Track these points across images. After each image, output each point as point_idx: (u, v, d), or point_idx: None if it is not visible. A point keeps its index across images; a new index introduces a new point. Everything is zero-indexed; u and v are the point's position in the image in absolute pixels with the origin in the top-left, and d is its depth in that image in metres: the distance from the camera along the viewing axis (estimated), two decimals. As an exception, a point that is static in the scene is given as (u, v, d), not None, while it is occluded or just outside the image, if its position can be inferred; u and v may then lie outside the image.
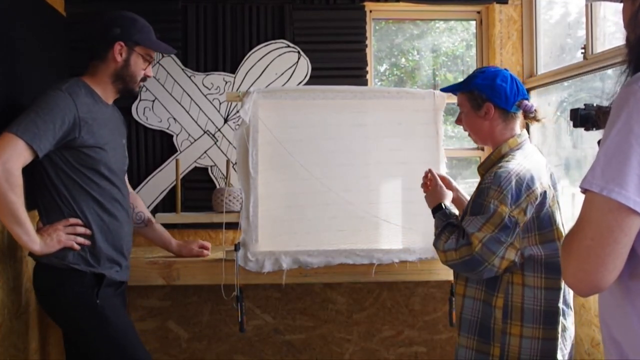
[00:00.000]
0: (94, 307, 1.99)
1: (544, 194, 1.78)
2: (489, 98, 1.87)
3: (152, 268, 2.42)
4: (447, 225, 1.86)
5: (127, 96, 2.17)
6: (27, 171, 1.88)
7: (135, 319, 2.86)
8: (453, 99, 2.51)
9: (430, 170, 2.10)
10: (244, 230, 2.37)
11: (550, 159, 2.92)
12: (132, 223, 2.23)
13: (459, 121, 2.01)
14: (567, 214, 2.74)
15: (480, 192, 1.80)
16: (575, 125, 1.57)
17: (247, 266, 2.37)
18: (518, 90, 1.88)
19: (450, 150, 2.98)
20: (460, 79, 2.08)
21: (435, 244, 1.88)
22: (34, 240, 1.87)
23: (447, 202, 2.00)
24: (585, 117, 1.53)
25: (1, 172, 1.76)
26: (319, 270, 2.42)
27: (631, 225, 0.94)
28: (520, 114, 1.91)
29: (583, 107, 1.54)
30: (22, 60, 2.19)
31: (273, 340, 3.00)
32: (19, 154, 1.81)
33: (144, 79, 2.14)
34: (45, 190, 1.99)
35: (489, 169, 1.86)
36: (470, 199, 1.88)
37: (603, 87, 2.56)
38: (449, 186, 2.14)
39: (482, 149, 3.12)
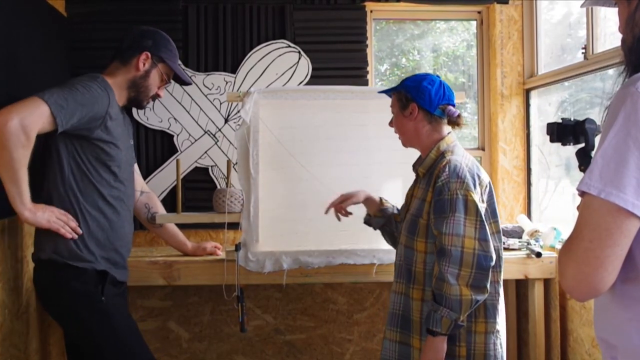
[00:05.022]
0: (99, 304, 1.99)
1: (489, 185, 1.88)
2: (413, 98, 1.93)
3: (152, 268, 2.42)
4: (434, 303, 1.76)
5: (133, 106, 2.22)
6: (40, 156, 1.89)
7: (136, 319, 2.83)
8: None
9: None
10: (245, 230, 2.38)
11: (551, 159, 2.93)
12: (132, 224, 2.23)
13: (391, 123, 2.05)
14: (567, 214, 2.75)
15: (439, 190, 1.80)
16: (552, 140, 1.55)
17: (248, 266, 2.37)
18: (444, 95, 1.93)
19: (451, 150, 2.98)
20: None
21: (448, 292, 1.72)
22: (25, 204, 1.81)
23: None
24: (562, 132, 1.51)
25: (16, 126, 1.73)
26: (319, 271, 2.42)
27: (630, 228, 0.95)
28: (445, 119, 1.95)
29: (560, 121, 1.53)
30: (23, 60, 2.19)
31: (274, 340, 3.00)
32: (39, 116, 1.78)
33: (155, 97, 2.16)
34: (53, 178, 1.98)
35: (430, 167, 1.91)
36: (429, 200, 1.85)
37: (604, 87, 2.56)
38: (350, 197, 2.21)
39: (483, 149, 3.13)
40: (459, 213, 1.75)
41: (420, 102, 1.92)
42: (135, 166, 2.36)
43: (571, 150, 1.54)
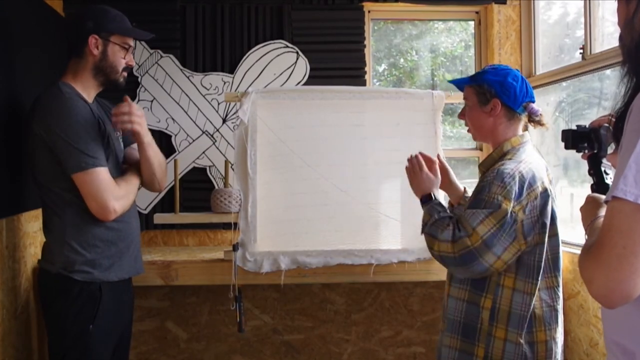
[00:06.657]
0: (85, 336, 1.94)
1: (545, 192, 1.77)
2: (497, 94, 1.84)
3: (150, 268, 2.42)
4: (443, 217, 1.81)
5: (111, 88, 2.10)
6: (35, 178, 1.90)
7: (134, 319, 2.84)
8: (451, 99, 2.52)
9: (417, 155, 2.01)
10: (243, 230, 2.38)
11: (548, 159, 2.92)
12: (135, 217, 2.16)
13: (462, 115, 1.98)
14: (565, 214, 2.75)
15: (481, 189, 1.76)
16: (566, 147, 1.52)
17: (246, 266, 2.37)
18: (527, 92, 1.86)
19: (448, 150, 2.98)
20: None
21: (429, 231, 1.78)
22: None
23: (435, 191, 1.94)
24: (577, 139, 1.51)
25: (113, 210, 1.92)
26: (317, 271, 2.42)
27: None
28: (524, 117, 1.88)
29: (575, 128, 1.52)
30: (21, 61, 2.19)
31: (272, 340, 3.00)
32: (100, 182, 1.88)
33: (127, 68, 2.09)
34: (50, 201, 1.95)
35: (491, 166, 1.85)
36: (471, 195, 1.84)
37: (602, 88, 2.56)
38: (443, 169, 2.10)
39: (481, 149, 3.13)
40: (485, 211, 1.71)
41: (504, 98, 1.84)
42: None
43: (568, 150, 1.53)
